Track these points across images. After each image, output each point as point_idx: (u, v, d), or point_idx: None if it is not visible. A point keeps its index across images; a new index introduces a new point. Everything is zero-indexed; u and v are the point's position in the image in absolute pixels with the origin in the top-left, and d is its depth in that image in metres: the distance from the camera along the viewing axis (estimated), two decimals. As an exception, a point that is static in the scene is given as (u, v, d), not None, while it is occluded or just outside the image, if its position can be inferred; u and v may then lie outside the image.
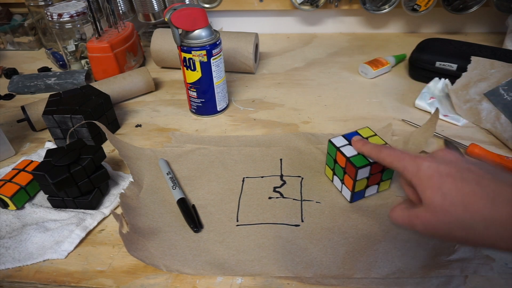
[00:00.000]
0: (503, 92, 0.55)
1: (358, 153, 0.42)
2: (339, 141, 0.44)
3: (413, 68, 0.70)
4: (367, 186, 0.44)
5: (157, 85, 0.73)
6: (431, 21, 0.89)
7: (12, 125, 0.64)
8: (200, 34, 0.55)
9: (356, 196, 0.44)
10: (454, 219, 0.29)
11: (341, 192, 0.46)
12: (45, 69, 0.81)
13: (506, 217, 0.27)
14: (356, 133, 0.45)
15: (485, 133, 0.55)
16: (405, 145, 0.51)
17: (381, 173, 0.43)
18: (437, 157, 0.33)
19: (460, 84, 0.60)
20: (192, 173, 0.50)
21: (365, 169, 0.41)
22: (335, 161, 0.45)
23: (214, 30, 0.57)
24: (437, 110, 0.49)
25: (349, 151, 0.42)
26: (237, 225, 0.43)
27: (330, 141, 0.45)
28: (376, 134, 0.45)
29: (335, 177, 0.46)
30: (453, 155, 0.33)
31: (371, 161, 0.41)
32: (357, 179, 0.42)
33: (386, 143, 0.43)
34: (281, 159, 0.52)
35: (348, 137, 0.45)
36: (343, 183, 0.45)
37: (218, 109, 0.63)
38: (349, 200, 0.44)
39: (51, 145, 0.57)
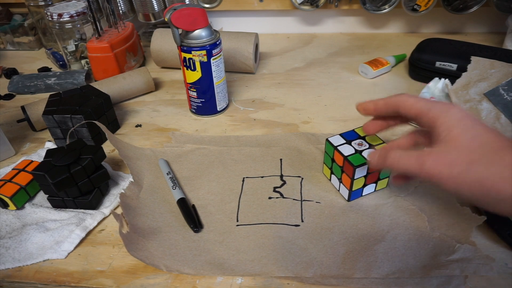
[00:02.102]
0: (503, 92, 0.55)
1: (356, 152, 0.42)
2: (337, 140, 0.44)
3: (413, 68, 0.70)
4: (364, 185, 0.44)
5: (157, 85, 0.73)
6: (431, 21, 0.89)
7: (12, 125, 0.64)
8: (200, 34, 0.55)
9: (354, 194, 0.44)
10: (479, 157, 0.27)
11: (338, 190, 0.46)
12: (45, 69, 0.81)
13: None
14: (353, 131, 0.45)
15: (485, 133, 0.54)
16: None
17: (378, 172, 0.43)
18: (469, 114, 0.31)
19: (460, 84, 0.59)
20: (192, 173, 0.50)
21: (362, 167, 0.41)
22: (333, 160, 0.45)
23: (214, 30, 0.57)
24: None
25: (347, 150, 0.43)
26: (237, 225, 0.43)
27: (327, 140, 0.45)
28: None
29: (332, 176, 0.46)
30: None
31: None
32: (355, 177, 0.42)
33: (383, 142, 0.43)
34: (281, 159, 0.52)
35: (346, 135, 0.45)
36: (341, 182, 0.45)
37: (218, 109, 0.63)
38: (346, 199, 0.45)
39: (51, 145, 0.57)
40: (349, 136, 0.44)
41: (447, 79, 0.62)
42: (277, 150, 0.53)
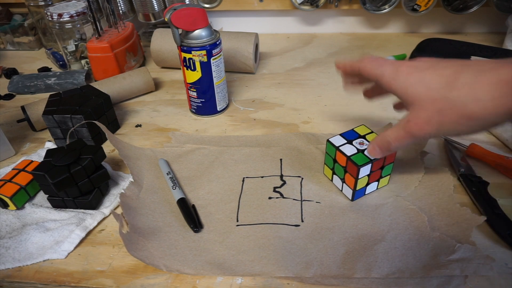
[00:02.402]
0: (503, 92, 0.55)
1: (358, 151, 0.42)
2: (338, 141, 0.44)
3: (413, 68, 0.70)
4: (367, 184, 0.44)
5: (157, 85, 0.73)
6: (431, 21, 0.89)
7: (12, 125, 0.64)
8: (200, 34, 0.55)
9: (358, 194, 0.44)
10: (443, 103, 0.30)
11: (341, 191, 0.46)
12: (45, 69, 0.81)
13: (493, 82, 0.28)
14: (353, 131, 0.45)
15: (485, 133, 0.54)
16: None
17: (381, 169, 0.43)
18: (416, 60, 0.34)
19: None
20: (192, 173, 0.50)
21: (366, 166, 0.41)
22: (335, 161, 0.45)
23: (214, 30, 0.57)
24: None
25: (349, 150, 0.43)
26: (237, 225, 0.43)
27: (328, 141, 0.45)
28: (372, 132, 0.45)
29: (335, 176, 0.46)
30: (435, 58, 0.34)
31: (372, 158, 0.41)
32: (359, 177, 0.42)
33: None
34: (281, 159, 0.52)
35: (346, 135, 0.45)
36: (344, 182, 0.45)
37: (218, 109, 0.63)
38: (350, 198, 0.45)
39: (51, 145, 0.57)
40: (350, 136, 0.44)
41: (447, 79, 0.62)
42: (277, 150, 0.53)
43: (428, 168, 0.48)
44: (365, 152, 0.42)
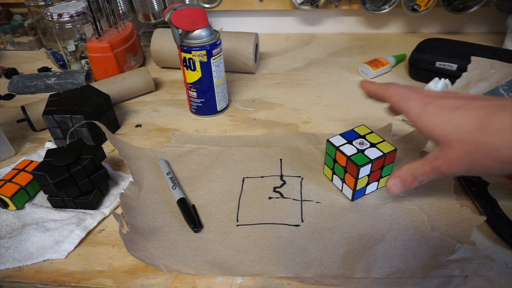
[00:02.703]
0: (503, 92, 0.55)
1: (358, 151, 0.42)
2: (338, 141, 0.44)
3: (413, 68, 0.70)
4: (367, 184, 0.44)
5: (157, 85, 0.73)
6: (431, 21, 0.89)
7: (12, 125, 0.64)
8: (200, 34, 0.55)
9: (358, 194, 0.44)
10: (474, 145, 0.29)
11: (341, 191, 0.46)
12: (45, 69, 0.81)
13: None
14: (353, 131, 0.45)
15: (485, 133, 0.54)
16: (405, 145, 0.51)
17: (381, 169, 0.43)
18: (442, 95, 0.33)
19: (460, 84, 0.59)
20: (192, 173, 0.50)
21: (366, 166, 0.41)
22: (335, 161, 0.45)
23: (214, 30, 0.57)
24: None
25: (349, 150, 0.43)
26: (237, 225, 0.43)
27: (328, 141, 0.45)
28: (372, 132, 0.45)
29: (335, 176, 0.46)
30: (463, 93, 0.32)
31: (372, 158, 0.41)
32: (359, 177, 0.42)
33: (384, 140, 0.43)
34: (281, 159, 0.52)
35: (346, 135, 0.45)
36: (344, 182, 0.45)
37: (218, 109, 0.63)
38: (350, 198, 0.45)
39: (51, 145, 0.57)
40: (350, 136, 0.45)
41: (447, 79, 0.62)
42: (277, 150, 0.53)
43: (428, 168, 0.48)
44: (365, 152, 0.42)
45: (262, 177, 0.49)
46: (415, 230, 0.40)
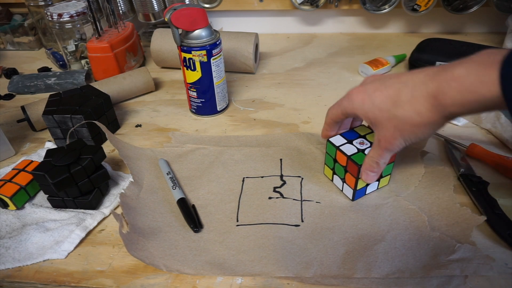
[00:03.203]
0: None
1: (359, 151, 0.42)
2: (338, 140, 0.44)
3: (413, 68, 0.69)
4: (368, 183, 0.44)
5: (157, 85, 0.73)
6: (431, 21, 0.89)
7: (12, 125, 0.64)
8: (200, 34, 0.55)
9: (358, 194, 0.44)
10: (396, 120, 0.35)
11: (342, 191, 0.46)
12: (45, 69, 0.81)
13: (424, 95, 0.33)
14: (353, 131, 0.45)
15: (485, 133, 0.55)
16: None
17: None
18: (365, 82, 0.39)
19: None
20: (192, 173, 0.50)
21: None
22: (335, 160, 0.45)
23: (214, 30, 0.57)
24: None
25: (349, 150, 0.43)
26: (237, 225, 0.43)
27: (328, 141, 0.45)
28: (372, 131, 0.45)
29: (335, 176, 0.46)
30: (379, 75, 0.39)
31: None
32: (360, 176, 0.42)
33: None
34: (281, 159, 0.52)
35: (346, 135, 0.45)
36: (344, 181, 0.45)
37: (218, 109, 0.63)
38: (351, 198, 0.45)
39: (51, 145, 0.57)
40: (350, 136, 0.44)
41: (447, 79, 0.62)
42: (277, 150, 0.53)
43: (428, 168, 0.48)
44: (366, 152, 0.42)
45: (262, 177, 0.49)
46: (415, 230, 0.40)
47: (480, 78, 0.29)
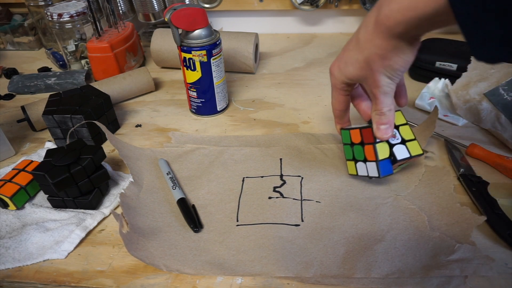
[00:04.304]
0: (503, 92, 0.55)
1: (370, 124, 0.42)
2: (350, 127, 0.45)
3: (413, 68, 0.70)
4: (391, 155, 0.41)
5: (157, 85, 0.73)
6: (431, 21, 0.89)
7: (12, 125, 0.64)
8: (200, 34, 0.55)
9: (384, 166, 0.41)
10: (367, 62, 0.37)
11: (368, 176, 0.43)
12: (45, 69, 0.81)
13: (374, 26, 0.35)
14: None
15: (485, 133, 0.55)
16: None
17: (397, 129, 0.42)
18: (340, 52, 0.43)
19: (460, 84, 0.60)
20: (192, 173, 0.50)
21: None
22: (352, 144, 0.44)
23: (214, 30, 0.57)
24: (436, 108, 0.49)
25: (382, 151, 0.41)
26: (237, 225, 0.43)
27: (342, 129, 0.45)
28: (407, 123, 0.43)
29: (358, 165, 0.44)
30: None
31: (398, 159, 0.41)
32: (377, 142, 0.40)
33: (415, 138, 0.43)
34: (281, 159, 0.52)
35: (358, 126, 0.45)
36: (366, 161, 0.43)
37: (218, 109, 0.63)
38: (377, 175, 0.42)
39: (51, 145, 0.57)
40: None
41: (447, 79, 0.62)
42: (277, 150, 0.53)
43: (428, 168, 0.48)
44: (393, 150, 0.41)
45: (262, 177, 0.49)
46: (415, 230, 0.40)
47: None
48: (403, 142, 0.42)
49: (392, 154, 0.41)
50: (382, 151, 0.41)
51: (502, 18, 0.25)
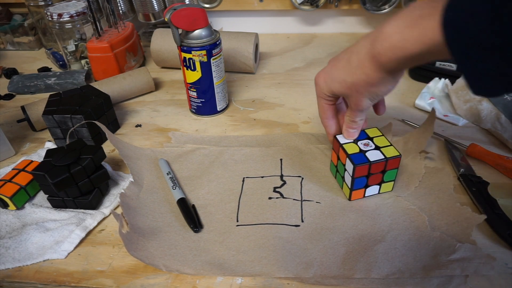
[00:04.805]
0: (503, 92, 0.55)
1: (360, 152, 0.42)
2: (343, 139, 0.44)
3: (413, 68, 0.70)
4: (366, 185, 0.44)
5: (157, 85, 0.73)
6: (431, 21, 0.89)
7: (12, 125, 0.64)
8: (200, 34, 0.55)
9: (356, 157, 0.42)
10: (356, 86, 0.39)
11: (342, 189, 0.46)
12: (45, 69, 0.81)
13: (367, 58, 0.36)
14: (363, 132, 0.45)
15: (485, 133, 0.54)
16: (405, 145, 0.51)
17: (382, 173, 0.43)
18: (328, 64, 0.43)
19: (460, 84, 0.60)
20: (192, 173, 0.50)
21: (363, 167, 0.41)
22: (338, 158, 0.45)
23: (214, 30, 0.57)
24: (433, 110, 0.49)
25: (352, 149, 0.43)
26: (237, 225, 0.43)
27: (335, 137, 0.45)
28: (383, 135, 0.45)
29: (337, 174, 0.47)
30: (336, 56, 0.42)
31: (371, 160, 0.41)
32: (355, 176, 0.42)
33: (392, 145, 0.43)
34: (281, 159, 0.52)
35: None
36: (344, 180, 0.45)
37: (218, 109, 0.63)
38: (348, 198, 0.45)
39: (51, 145, 0.57)
40: (358, 136, 0.44)
41: (447, 79, 0.62)
42: (277, 150, 0.53)
43: (428, 168, 0.48)
44: (367, 154, 0.42)
45: (262, 177, 0.49)
46: (415, 230, 0.40)
47: (404, 36, 0.31)
48: (377, 148, 0.43)
49: (364, 156, 0.42)
50: (351, 148, 0.43)
51: (498, 55, 0.25)
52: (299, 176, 0.49)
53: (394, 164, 0.42)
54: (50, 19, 0.72)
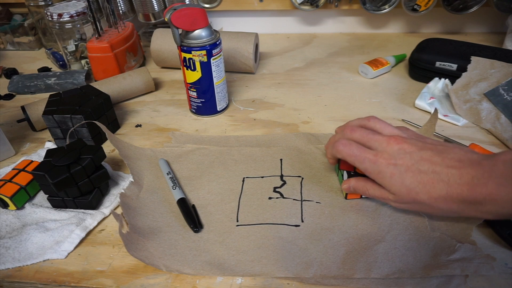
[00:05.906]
0: (503, 92, 0.55)
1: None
2: None
3: (413, 68, 0.70)
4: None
5: (157, 85, 0.73)
6: (431, 21, 0.89)
7: (12, 125, 0.64)
8: (200, 34, 0.55)
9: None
10: (420, 203, 0.37)
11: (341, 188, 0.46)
12: (45, 69, 0.81)
13: (459, 193, 0.34)
14: None
15: (485, 133, 0.55)
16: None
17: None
18: (393, 152, 0.38)
19: (460, 84, 0.60)
20: (192, 173, 0.50)
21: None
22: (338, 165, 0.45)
23: (214, 30, 0.57)
24: (436, 110, 0.49)
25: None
26: (237, 225, 0.43)
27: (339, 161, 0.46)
28: None
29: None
30: (408, 145, 0.38)
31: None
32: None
33: None
34: (281, 159, 0.52)
35: None
36: (343, 179, 0.45)
37: (218, 109, 0.63)
38: (344, 196, 0.45)
39: (51, 145, 0.57)
40: None
41: (447, 79, 0.62)
42: (277, 150, 0.53)
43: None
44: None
45: (262, 177, 0.49)
46: (415, 230, 0.40)
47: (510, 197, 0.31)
48: None
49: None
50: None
51: None
52: (299, 176, 0.49)
53: None
54: (50, 19, 0.72)
